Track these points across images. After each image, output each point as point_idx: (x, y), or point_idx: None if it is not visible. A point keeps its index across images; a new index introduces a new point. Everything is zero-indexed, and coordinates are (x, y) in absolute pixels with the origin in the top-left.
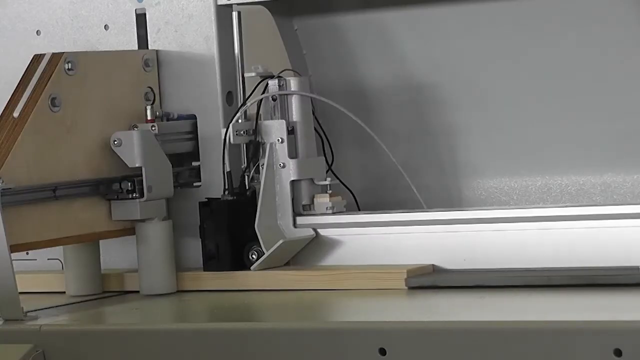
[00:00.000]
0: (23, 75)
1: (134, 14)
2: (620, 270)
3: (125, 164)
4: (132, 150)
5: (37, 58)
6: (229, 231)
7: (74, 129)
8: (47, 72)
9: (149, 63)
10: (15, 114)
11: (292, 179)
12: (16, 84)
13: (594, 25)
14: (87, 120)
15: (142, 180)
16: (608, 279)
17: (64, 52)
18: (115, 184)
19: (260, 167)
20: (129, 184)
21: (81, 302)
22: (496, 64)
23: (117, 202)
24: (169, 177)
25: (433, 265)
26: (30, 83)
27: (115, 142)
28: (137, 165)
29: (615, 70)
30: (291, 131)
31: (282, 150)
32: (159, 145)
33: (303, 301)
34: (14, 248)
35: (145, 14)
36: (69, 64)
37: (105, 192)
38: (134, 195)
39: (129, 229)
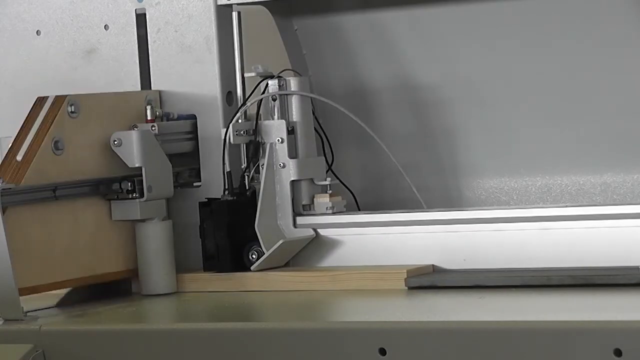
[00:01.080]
0: (27, 117)
1: (134, 14)
2: (620, 270)
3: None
4: (132, 150)
5: (40, 100)
6: (229, 231)
7: (77, 171)
8: (50, 115)
9: (151, 103)
10: (19, 157)
11: (292, 179)
12: (16, 85)
13: (594, 26)
14: (90, 161)
15: (142, 180)
16: (608, 279)
17: (67, 95)
18: (115, 184)
19: (260, 167)
20: (129, 184)
21: (81, 302)
22: (496, 64)
23: (117, 202)
24: (169, 177)
25: (433, 265)
26: (34, 126)
27: (115, 142)
28: (136, 165)
29: (615, 70)
30: (291, 131)
31: (282, 150)
32: (159, 145)
33: (303, 301)
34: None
35: (145, 14)
36: (72, 107)
37: (105, 192)
38: (134, 195)
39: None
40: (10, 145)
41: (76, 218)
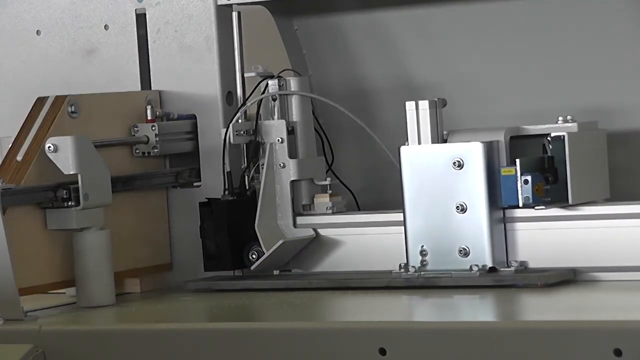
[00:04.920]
0: (27, 117)
1: (134, 14)
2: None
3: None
4: (68, 156)
5: (40, 100)
6: (229, 231)
7: None
8: (50, 115)
9: (151, 103)
10: (19, 158)
11: (292, 179)
12: (16, 85)
13: (594, 25)
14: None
15: (77, 187)
16: (362, 282)
17: (67, 95)
18: (49, 192)
19: (260, 167)
20: (64, 191)
21: None
22: (496, 64)
23: (52, 210)
24: (106, 184)
25: None
26: (34, 126)
27: (50, 148)
28: (72, 172)
29: (616, 69)
30: (291, 131)
31: (282, 150)
32: (96, 152)
33: (303, 301)
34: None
35: (145, 14)
36: (72, 107)
37: (39, 200)
38: (70, 203)
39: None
40: (11, 145)
41: None
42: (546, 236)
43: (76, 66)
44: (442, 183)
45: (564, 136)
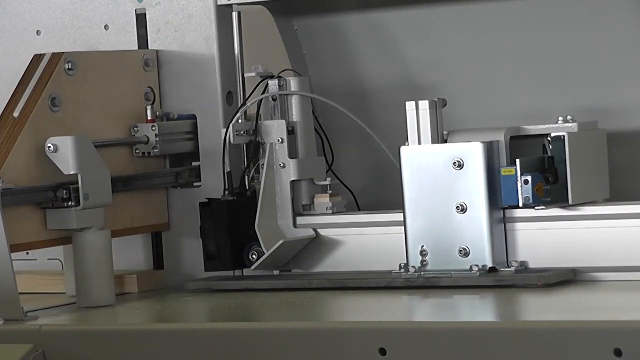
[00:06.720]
0: (23, 74)
1: (134, 14)
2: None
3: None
4: (68, 157)
5: (37, 58)
6: (229, 231)
7: (74, 128)
8: (47, 72)
9: (149, 63)
10: (16, 114)
11: (292, 179)
12: (16, 84)
13: (594, 25)
14: (87, 119)
15: (77, 188)
16: (361, 282)
17: (63, 52)
18: (49, 192)
19: (260, 167)
20: (64, 191)
21: None
22: (496, 64)
23: (52, 210)
24: (107, 184)
25: None
26: (30, 83)
27: (50, 148)
28: (72, 172)
29: (616, 69)
30: (291, 131)
31: (282, 150)
32: (96, 152)
33: (303, 301)
34: (13, 248)
35: (145, 14)
36: (69, 64)
37: (39, 201)
38: (70, 203)
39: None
40: (8, 101)
41: None
42: (546, 236)
43: None
44: (442, 183)
45: (564, 136)
